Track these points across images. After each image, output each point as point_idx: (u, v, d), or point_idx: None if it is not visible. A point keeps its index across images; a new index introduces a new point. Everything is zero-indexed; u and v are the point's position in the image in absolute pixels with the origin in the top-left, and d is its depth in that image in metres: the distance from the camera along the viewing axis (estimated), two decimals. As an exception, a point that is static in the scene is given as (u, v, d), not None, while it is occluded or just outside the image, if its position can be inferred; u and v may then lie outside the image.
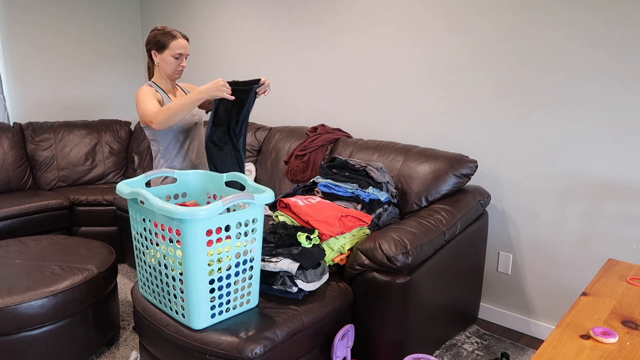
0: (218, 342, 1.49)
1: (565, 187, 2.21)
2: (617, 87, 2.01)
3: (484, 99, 2.39)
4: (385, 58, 2.73)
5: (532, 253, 2.36)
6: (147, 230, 1.61)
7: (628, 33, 1.95)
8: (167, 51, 2.07)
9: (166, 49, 2.07)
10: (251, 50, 3.46)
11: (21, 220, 2.99)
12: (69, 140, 3.64)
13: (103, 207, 3.23)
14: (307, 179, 2.71)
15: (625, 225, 2.07)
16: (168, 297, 1.62)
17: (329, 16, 2.95)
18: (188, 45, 2.12)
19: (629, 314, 1.15)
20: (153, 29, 2.12)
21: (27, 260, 2.18)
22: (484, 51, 2.35)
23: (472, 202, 2.20)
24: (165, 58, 2.09)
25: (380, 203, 2.16)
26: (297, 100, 3.25)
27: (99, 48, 4.13)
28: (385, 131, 2.82)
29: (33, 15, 3.72)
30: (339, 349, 1.77)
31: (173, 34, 2.08)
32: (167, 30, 2.08)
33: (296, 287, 1.71)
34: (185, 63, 2.13)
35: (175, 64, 2.10)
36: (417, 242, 1.82)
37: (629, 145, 2.02)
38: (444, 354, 2.17)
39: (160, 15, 4.14)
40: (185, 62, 2.13)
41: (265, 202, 1.58)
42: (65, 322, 1.98)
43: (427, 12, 2.51)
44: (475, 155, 2.47)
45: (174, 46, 2.07)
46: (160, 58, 2.10)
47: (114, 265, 2.25)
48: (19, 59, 3.70)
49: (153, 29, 2.12)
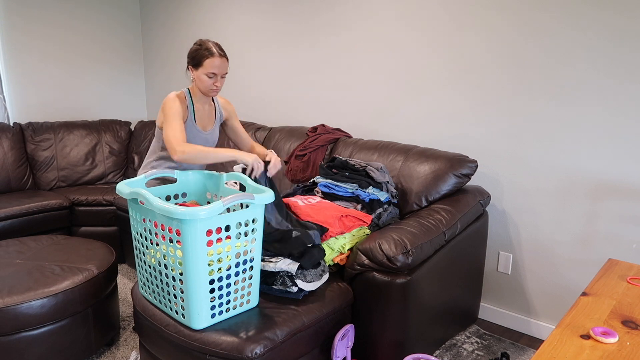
0: (218, 342, 1.49)
1: (565, 187, 2.21)
2: (617, 87, 2.01)
3: (484, 99, 2.39)
4: (386, 58, 2.73)
5: (532, 253, 2.36)
6: (147, 230, 1.61)
7: (631, 33, 1.95)
8: (202, 69, 1.97)
9: (200, 66, 1.97)
10: (251, 50, 3.46)
11: (21, 220, 2.99)
12: (69, 140, 3.64)
13: (103, 207, 3.23)
14: (307, 179, 2.71)
15: (625, 225, 2.07)
16: (168, 297, 1.62)
17: (329, 16, 2.95)
18: (226, 64, 2.00)
19: (629, 314, 1.15)
20: (195, 42, 2.03)
21: (27, 260, 2.18)
22: (484, 51, 2.35)
23: (472, 202, 2.20)
24: (199, 75, 1.99)
25: (380, 203, 2.16)
26: (297, 100, 3.25)
27: (99, 48, 4.13)
28: (385, 131, 2.82)
29: (33, 15, 3.72)
30: (339, 349, 1.77)
31: (210, 51, 1.96)
32: (205, 46, 1.97)
33: (296, 287, 1.71)
34: (220, 83, 2.01)
35: (209, 83, 1.99)
36: (417, 242, 1.82)
37: (628, 145, 2.02)
38: (444, 354, 2.17)
39: (160, 15, 4.14)
40: (221, 82, 2.02)
41: (265, 202, 1.58)
42: (65, 322, 1.98)
43: (428, 12, 2.51)
44: (475, 155, 2.47)
45: (208, 65, 1.96)
46: (195, 74, 2.00)
47: (114, 265, 2.25)
48: (19, 59, 3.69)
49: (195, 42, 2.03)
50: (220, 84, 2.02)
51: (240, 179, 1.80)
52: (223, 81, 2.03)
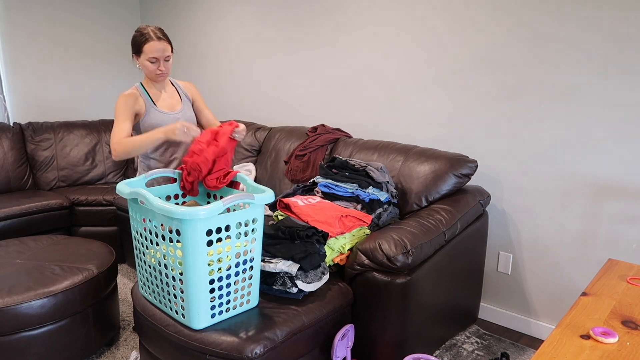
0: (218, 342, 1.49)
1: (566, 187, 2.21)
2: (617, 87, 2.01)
3: (484, 98, 2.39)
4: (385, 58, 2.73)
5: (532, 253, 2.36)
6: (147, 230, 1.61)
7: (631, 32, 1.95)
8: (143, 55, 1.92)
9: (142, 53, 1.92)
10: (251, 50, 3.46)
11: (21, 220, 2.99)
12: (69, 140, 3.64)
13: (103, 207, 3.23)
14: (307, 179, 2.71)
15: (625, 225, 2.07)
16: (168, 297, 1.62)
17: (329, 16, 2.95)
18: (166, 47, 1.93)
19: (629, 314, 1.15)
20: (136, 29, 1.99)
21: (27, 260, 2.18)
22: (484, 51, 2.35)
23: (472, 202, 2.20)
24: (143, 62, 1.94)
25: (380, 203, 2.16)
26: (297, 100, 3.25)
27: (99, 48, 4.13)
28: (385, 131, 2.82)
29: (33, 15, 3.72)
30: (339, 349, 1.77)
31: (148, 36, 1.90)
32: (142, 31, 1.91)
33: (296, 287, 1.71)
34: (164, 67, 1.95)
35: (152, 68, 1.94)
36: (417, 242, 1.82)
37: (629, 145, 2.02)
38: (444, 354, 2.17)
39: (160, 14, 4.14)
40: (165, 66, 1.96)
41: (265, 202, 1.58)
42: (65, 322, 1.98)
43: (428, 12, 2.51)
44: (475, 155, 2.47)
45: (148, 50, 1.90)
46: (140, 62, 1.96)
47: (114, 265, 2.25)
48: (19, 59, 3.69)
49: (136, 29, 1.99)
50: (164, 67, 1.96)
51: (241, 179, 1.80)
52: (168, 65, 1.97)
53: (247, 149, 3.14)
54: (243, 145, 3.16)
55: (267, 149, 3.05)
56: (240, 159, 3.14)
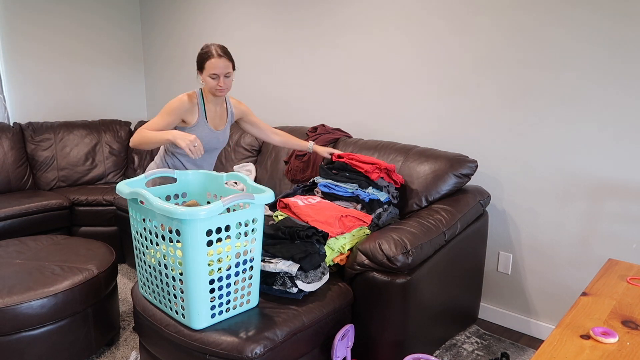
0: (218, 342, 1.49)
1: (565, 187, 2.21)
2: (617, 87, 2.01)
3: (484, 99, 2.39)
4: (385, 58, 2.73)
5: (532, 253, 2.36)
6: (147, 230, 1.61)
7: (630, 33, 1.95)
8: (205, 71, 2.02)
9: (204, 69, 2.02)
10: (251, 50, 3.46)
11: (21, 220, 2.99)
12: (69, 140, 3.64)
13: (103, 207, 3.23)
14: (307, 179, 2.71)
15: (625, 225, 2.07)
16: (168, 297, 1.62)
17: (329, 16, 2.95)
18: (227, 64, 2.02)
19: (629, 314, 1.15)
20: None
21: (27, 260, 2.18)
22: (484, 52, 2.35)
23: (472, 202, 2.20)
24: (205, 78, 2.04)
25: (380, 203, 2.16)
26: (297, 100, 3.25)
27: (99, 48, 4.13)
28: (385, 131, 2.82)
29: (33, 15, 3.72)
30: (339, 349, 1.77)
31: (210, 53, 2.00)
32: (206, 49, 2.02)
33: (296, 287, 1.71)
34: (224, 83, 2.04)
35: (213, 84, 2.03)
36: (417, 242, 1.82)
37: (628, 145, 2.02)
38: (444, 354, 2.17)
39: (160, 15, 4.14)
40: (225, 82, 2.04)
41: (265, 202, 1.58)
42: (65, 322, 1.98)
43: (428, 13, 2.51)
44: (475, 155, 2.47)
45: (209, 66, 2.00)
46: (202, 77, 2.06)
47: (114, 265, 2.25)
48: (19, 59, 3.69)
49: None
50: (224, 84, 2.04)
51: (241, 179, 1.80)
52: (229, 81, 2.06)
53: (247, 149, 3.14)
54: (243, 145, 3.16)
55: (267, 149, 3.05)
56: (240, 159, 3.14)
